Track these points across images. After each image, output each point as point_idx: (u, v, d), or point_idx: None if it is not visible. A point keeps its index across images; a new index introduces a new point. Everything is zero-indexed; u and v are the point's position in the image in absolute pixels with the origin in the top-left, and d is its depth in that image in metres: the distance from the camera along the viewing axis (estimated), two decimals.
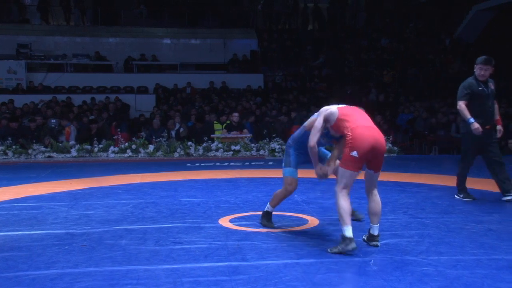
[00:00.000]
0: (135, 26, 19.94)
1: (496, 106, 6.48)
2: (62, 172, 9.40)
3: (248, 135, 12.39)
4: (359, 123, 4.26)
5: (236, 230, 4.88)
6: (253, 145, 12.11)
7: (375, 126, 4.38)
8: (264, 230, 4.87)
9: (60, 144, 11.80)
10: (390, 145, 12.12)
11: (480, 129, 6.07)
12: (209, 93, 16.85)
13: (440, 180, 7.92)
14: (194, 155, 11.77)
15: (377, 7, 21.41)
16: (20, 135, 12.21)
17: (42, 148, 11.73)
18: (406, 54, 19.07)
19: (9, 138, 11.80)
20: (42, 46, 18.22)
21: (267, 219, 5.02)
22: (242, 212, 5.71)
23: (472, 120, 6.10)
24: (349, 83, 17.73)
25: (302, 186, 7.41)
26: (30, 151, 11.66)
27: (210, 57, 19.11)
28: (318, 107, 15.42)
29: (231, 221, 5.27)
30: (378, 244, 4.30)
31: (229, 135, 12.17)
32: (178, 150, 11.67)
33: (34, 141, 11.91)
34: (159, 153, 11.67)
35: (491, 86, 6.37)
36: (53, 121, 12.93)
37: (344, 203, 4.18)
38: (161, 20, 20.56)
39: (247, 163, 10.66)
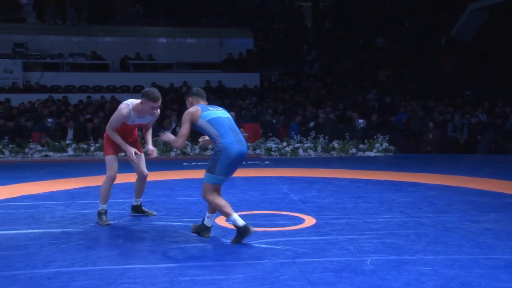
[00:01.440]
0: (131, 25, 19.89)
1: None
2: (58, 171, 9.38)
3: (245, 134, 12.37)
4: None
5: (232, 229, 4.87)
6: (249, 144, 12.11)
7: None
8: (261, 229, 4.87)
9: (57, 144, 11.78)
10: (387, 144, 12.16)
11: None
12: (205, 92, 16.81)
13: (436, 179, 7.94)
14: (190, 154, 11.77)
15: (373, 6, 21.43)
16: (16, 134, 12.19)
17: (39, 147, 11.71)
18: (401, 54, 19.10)
19: (6, 137, 11.77)
20: (38, 45, 18.15)
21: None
22: (238, 211, 5.69)
23: None
24: (344, 82, 17.76)
25: (298, 185, 7.44)
26: (26, 150, 11.64)
27: (206, 56, 19.08)
28: (313, 106, 15.35)
29: (227, 220, 5.26)
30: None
31: None
32: (175, 149, 11.67)
33: (30, 140, 11.89)
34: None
35: None
36: (49, 120, 12.90)
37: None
38: (157, 19, 20.53)
39: (243, 162, 10.65)
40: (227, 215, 4.36)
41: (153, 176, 8.31)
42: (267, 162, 10.70)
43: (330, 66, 18.73)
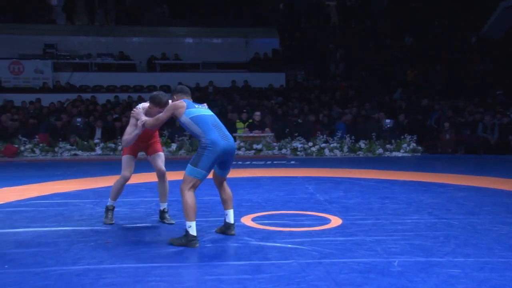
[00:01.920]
0: (157, 26, 20.07)
1: None
2: (87, 169, 9.53)
3: (270, 134, 12.39)
4: None
5: (258, 229, 4.88)
6: (275, 144, 12.10)
7: None
8: (287, 229, 4.86)
9: (85, 143, 11.97)
10: (414, 144, 11.99)
11: None
12: (231, 92, 16.88)
13: (466, 181, 7.80)
14: None
15: (401, 5, 21.16)
16: (47, 133, 12.42)
17: (68, 146, 11.91)
18: (430, 53, 18.81)
19: (36, 136, 12.01)
20: (68, 46, 18.48)
21: None
22: (264, 211, 5.71)
23: None
24: (371, 82, 17.58)
25: (324, 186, 7.40)
26: (56, 149, 11.86)
27: (232, 56, 19.12)
28: (339, 106, 15.25)
29: (253, 219, 5.28)
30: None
31: (251, 134, 12.18)
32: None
33: (60, 139, 12.11)
34: (182, 151, 11.75)
35: None
36: (78, 119, 13.12)
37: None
38: (183, 19, 20.66)
39: (269, 162, 10.66)
40: (189, 219, 4.28)
41: (179, 175, 8.38)
42: (292, 162, 10.67)
43: (356, 66, 18.57)
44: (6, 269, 3.75)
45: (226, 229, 4.64)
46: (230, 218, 4.63)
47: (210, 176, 4.60)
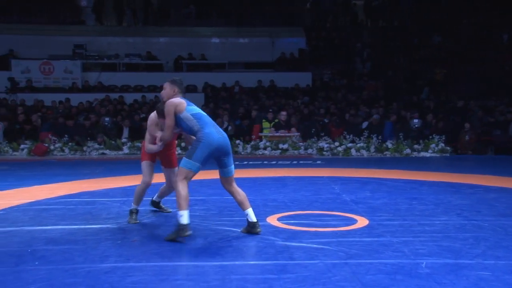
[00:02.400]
0: (184, 26, 20.23)
1: None
2: (114, 168, 9.65)
3: (296, 133, 12.35)
4: None
5: (284, 229, 4.87)
6: (301, 144, 12.06)
7: None
8: (313, 229, 4.83)
9: (113, 142, 12.13)
10: (443, 144, 11.80)
11: None
12: (257, 91, 16.90)
13: (496, 181, 7.63)
14: (242, 153, 11.83)
15: (430, 3, 20.85)
16: (75, 132, 12.64)
17: (96, 146, 12.09)
18: (459, 52, 18.47)
19: (66, 136, 12.23)
20: (96, 46, 18.78)
21: None
22: (290, 211, 5.69)
23: None
24: (399, 81, 17.37)
25: (351, 186, 7.33)
26: (85, 148, 12.06)
27: (258, 56, 19.14)
28: (366, 105, 15.10)
29: (279, 219, 5.27)
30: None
31: (277, 134, 12.17)
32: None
33: (88, 138, 12.30)
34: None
35: None
36: (106, 119, 13.31)
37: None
38: (210, 19, 20.76)
39: (294, 162, 10.63)
40: (180, 208, 4.36)
41: (204, 175, 8.41)
42: (318, 162, 10.61)
43: (384, 65, 18.37)
44: (37, 265, 3.82)
45: (251, 228, 4.64)
46: (252, 217, 4.63)
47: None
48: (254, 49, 19.30)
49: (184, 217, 4.35)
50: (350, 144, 11.84)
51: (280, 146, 11.85)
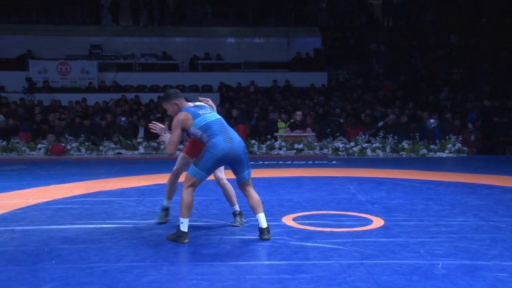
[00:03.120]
0: (200, 26, 20.30)
1: None
2: (130, 168, 9.72)
3: (312, 133, 12.32)
4: None
5: (299, 229, 4.86)
6: (316, 144, 12.03)
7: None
8: (328, 229, 4.81)
9: (129, 142, 12.22)
10: (459, 145, 11.68)
11: None
12: (272, 91, 16.89)
13: None
14: (257, 153, 11.84)
15: (447, 2, 20.64)
16: (91, 132, 12.75)
17: (112, 145, 12.19)
18: (477, 51, 18.26)
19: (82, 135, 12.35)
20: (113, 46, 18.93)
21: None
22: (305, 211, 5.68)
23: None
24: (415, 81, 17.23)
25: (366, 186, 7.29)
26: (101, 148, 12.16)
27: (274, 56, 19.13)
28: (382, 106, 14.99)
29: (294, 219, 5.26)
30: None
31: (292, 134, 12.15)
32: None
33: (104, 138, 12.40)
34: None
35: None
36: (122, 119, 13.40)
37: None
38: (225, 19, 20.81)
39: (310, 162, 10.61)
40: (182, 215, 4.37)
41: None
42: (334, 162, 10.58)
43: (400, 65, 18.24)
44: (53, 264, 3.86)
45: (260, 233, 4.56)
46: (261, 223, 4.52)
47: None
48: (269, 49, 19.30)
49: (185, 225, 4.38)
50: (365, 144, 11.78)
51: (296, 146, 11.83)
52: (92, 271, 3.70)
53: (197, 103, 4.72)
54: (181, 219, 4.40)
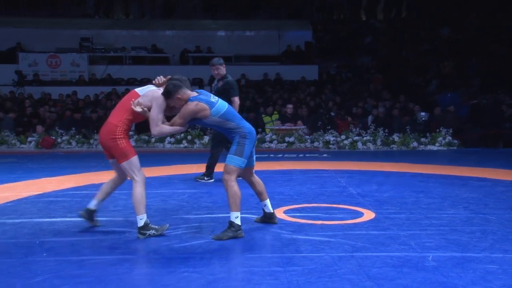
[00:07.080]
0: (190, 19, 20.23)
1: None
2: None
3: (302, 127, 12.33)
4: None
5: (290, 222, 4.88)
6: (307, 137, 12.05)
7: (107, 121, 4.69)
8: (319, 222, 4.83)
9: None
10: (450, 138, 11.75)
11: None
12: (263, 84, 16.87)
13: (505, 175, 7.60)
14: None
15: None
16: (82, 125, 12.68)
17: None
18: (467, 45, 18.34)
19: (73, 128, 12.28)
20: (103, 39, 18.81)
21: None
22: (296, 204, 5.70)
23: None
24: (405, 74, 17.28)
25: (357, 179, 7.32)
26: (91, 141, 12.10)
27: (265, 49, 19.11)
28: (373, 98, 15.00)
29: (285, 212, 5.27)
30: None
31: (283, 127, 12.15)
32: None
33: (95, 131, 12.34)
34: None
35: None
36: None
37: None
38: (216, 12, 20.75)
39: (301, 155, 10.62)
40: (237, 209, 4.29)
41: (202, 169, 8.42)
42: (325, 155, 10.60)
43: (391, 58, 18.29)
44: (45, 257, 3.85)
45: (268, 219, 4.73)
46: (270, 208, 4.73)
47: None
48: (260, 42, 19.28)
49: (239, 218, 4.32)
50: (356, 137, 11.81)
51: (286, 139, 11.84)
52: (83, 263, 3.69)
53: (197, 91, 4.45)
54: (235, 213, 4.30)
